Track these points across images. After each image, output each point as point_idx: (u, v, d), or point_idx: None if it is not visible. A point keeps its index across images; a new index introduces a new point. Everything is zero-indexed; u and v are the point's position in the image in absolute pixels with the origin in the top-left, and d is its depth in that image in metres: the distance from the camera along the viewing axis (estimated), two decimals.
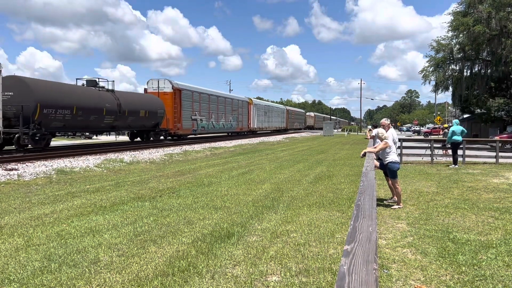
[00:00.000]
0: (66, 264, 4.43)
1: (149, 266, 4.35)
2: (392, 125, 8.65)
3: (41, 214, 6.89)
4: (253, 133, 48.11)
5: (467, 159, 15.80)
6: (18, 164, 13.39)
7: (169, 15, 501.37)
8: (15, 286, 3.86)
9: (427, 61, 34.38)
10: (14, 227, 5.99)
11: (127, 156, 17.69)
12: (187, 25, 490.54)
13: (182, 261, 4.47)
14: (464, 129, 15.19)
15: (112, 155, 17.61)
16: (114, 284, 3.89)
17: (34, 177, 11.28)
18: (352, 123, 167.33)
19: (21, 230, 5.82)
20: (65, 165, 13.67)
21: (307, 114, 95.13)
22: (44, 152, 16.89)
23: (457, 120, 15.80)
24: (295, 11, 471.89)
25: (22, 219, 6.52)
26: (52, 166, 13.37)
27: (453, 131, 14.67)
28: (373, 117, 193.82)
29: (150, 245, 5.08)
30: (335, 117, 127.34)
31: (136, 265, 4.40)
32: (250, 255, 4.69)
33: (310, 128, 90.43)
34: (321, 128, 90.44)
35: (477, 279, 4.08)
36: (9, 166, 12.80)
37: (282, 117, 63.10)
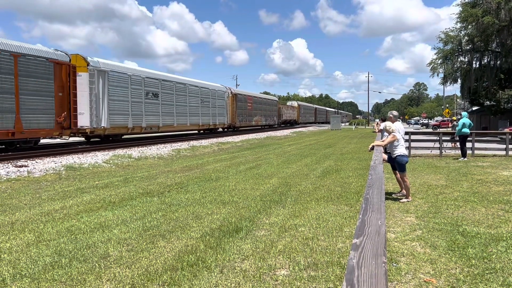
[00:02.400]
0: (77, 259, 4.47)
1: (158, 261, 4.38)
2: (400, 119, 8.59)
3: (51, 210, 6.96)
4: (105, 140, 22.04)
5: (476, 152, 15.67)
6: (28, 161, 13.54)
7: (174, 10, 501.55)
8: (27, 281, 3.92)
9: (435, 53, 34.04)
10: (25, 223, 6.06)
11: (135, 151, 17.78)
12: (193, 20, 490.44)
13: (191, 256, 4.50)
14: (471, 122, 15.08)
15: (120, 151, 17.71)
16: (124, 278, 3.93)
17: (44, 174, 11.40)
18: (358, 116, 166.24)
19: (31, 226, 5.89)
20: (74, 161, 13.79)
21: (288, 103, 70.16)
22: (53, 148, 17.02)
23: (466, 113, 15.66)
24: (301, 5, 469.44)
25: (32, 215, 6.59)
26: (61, 162, 13.50)
27: (463, 123, 14.56)
28: (380, 111, 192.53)
29: (159, 240, 5.12)
30: (335, 110, 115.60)
31: (146, 259, 4.43)
32: (258, 249, 4.70)
33: (292, 123, 65.38)
34: (310, 123, 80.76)
35: (487, 272, 4.05)
36: (19, 163, 12.95)
37: (220, 106, 35.23)
